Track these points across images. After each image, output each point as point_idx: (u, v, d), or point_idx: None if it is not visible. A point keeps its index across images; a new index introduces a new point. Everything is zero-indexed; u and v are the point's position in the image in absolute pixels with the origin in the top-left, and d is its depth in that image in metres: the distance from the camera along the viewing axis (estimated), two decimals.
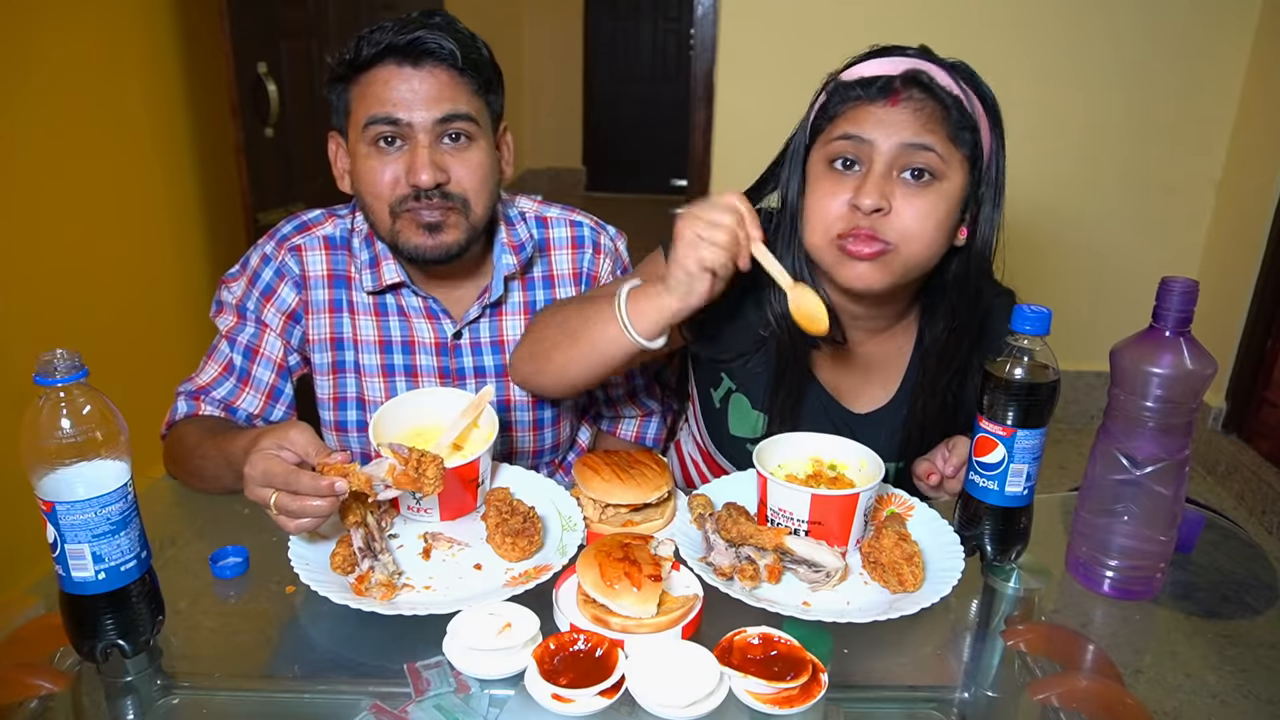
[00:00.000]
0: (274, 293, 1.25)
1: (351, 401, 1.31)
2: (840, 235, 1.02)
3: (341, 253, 1.27)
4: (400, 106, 1.11)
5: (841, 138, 1.02)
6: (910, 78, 1.01)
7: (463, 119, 1.13)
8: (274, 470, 0.88)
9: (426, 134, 1.12)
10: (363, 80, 1.13)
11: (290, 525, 0.90)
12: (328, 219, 1.28)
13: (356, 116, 1.14)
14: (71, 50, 2.16)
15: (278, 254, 1.25)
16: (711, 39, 2.86)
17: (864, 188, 0.99)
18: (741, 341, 1.17)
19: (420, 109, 1.11)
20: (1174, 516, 0.97)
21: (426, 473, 0.91)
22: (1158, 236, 3.08)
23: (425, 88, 1.11)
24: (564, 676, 0.78)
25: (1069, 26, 2.83)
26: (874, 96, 1.01)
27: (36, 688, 0.84)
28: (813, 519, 0.95)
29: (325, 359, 1.28)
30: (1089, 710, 0.86)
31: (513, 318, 1.31)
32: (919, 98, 1.00)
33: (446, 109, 1.12)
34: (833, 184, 1.03)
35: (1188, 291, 0.90)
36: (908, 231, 1.00)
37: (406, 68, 1.11)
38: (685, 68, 6.09)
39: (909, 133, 0.99)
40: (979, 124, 1.03)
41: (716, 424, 1.26)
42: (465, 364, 1.31)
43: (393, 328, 1.28)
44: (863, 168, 1.02)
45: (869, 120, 1.01)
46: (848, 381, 1.21)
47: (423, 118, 1.11)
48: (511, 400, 1.34)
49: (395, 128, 1.11)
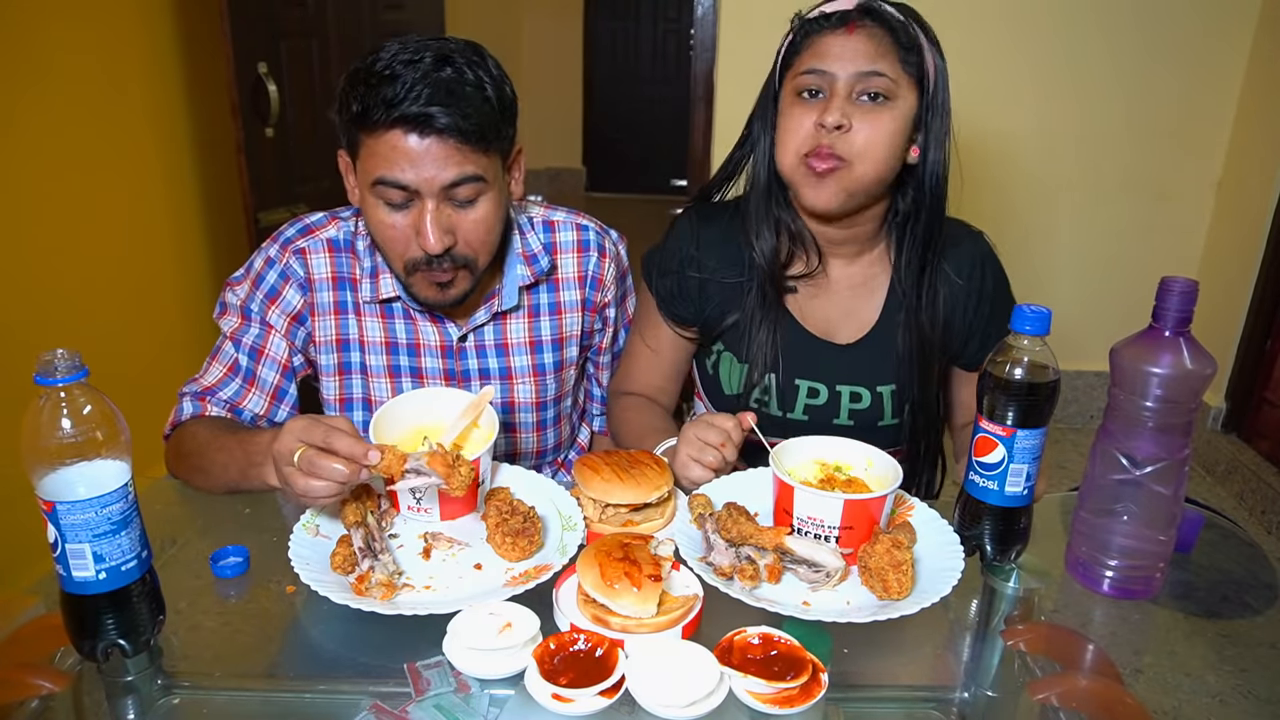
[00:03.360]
0: (279, 295, 1.26)
1: (358, 402, 1.31)
2: (807, 154, 1.15)
3: (345, 255, 1.27)
4: (409, 172, 1.08)
5: (807, 72, 1.16)
6: (863, 9, 1.16)
7: (470, 181, 1.11)
8: (315, 428, 0.90)
9: (434, 198, 1.10)
10: (371, 138, 1.09)
11: (299, 482, 0.90)
12: (331, 222, 1.28)
13: (365, 167, 1.11)
14: (72, 51, 2.16)
15: (282, 257, 1.26)
16: (711, 39, 2.86)
17: (828, 108, 1.14)
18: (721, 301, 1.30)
19: (428, 174, 1.08)
20: (1173, 516, 0.97)
21: (460, 469, 0.92)
22: (1158, 237, 3.08)
23: (433, 155, 1.08)
24: (564, 676, 0.78)
25: (1069, 31, 2.83)
26: (834, 26, 1.16)
27: (37, 688, 0.84)
28: (844, 524, 0.95)
29: (331, 360, 1.29)
30: (1089, 710, 0.86)
31: (517, 321, 1.32)
32: (871, 25, 1.14)
33: (454, 174, 1.09)
34: (801, 110, 1.17)
35: (1187, 291, 0.90)
36: (863, 146, 1.14)
37: (414, 136, 1.07)
38: (685, 68, 6.09)
39: (864, 60, 1.13)
40: (924, 49, 1.16)
41: (714, 393, 1.35)
42: (470, 366, 1.32)
43: (398, 330, 1.28)
44: (825, 95, 1.15)
45: (829, 52, 1.15)
46: (830, 315, 1.30)
47: (430, 183, 1.09)
48: (515, 402, 1.34)
49: (403, 192, 1.10)
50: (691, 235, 1.30)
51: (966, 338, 1.29)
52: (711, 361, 1.34)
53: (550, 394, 1.37)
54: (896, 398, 1.28)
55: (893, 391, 1.28)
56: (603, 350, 1.44)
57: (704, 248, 1.29)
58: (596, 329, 1.41)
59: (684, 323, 1.32)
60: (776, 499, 1.00)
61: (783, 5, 1.31)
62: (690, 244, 1.30)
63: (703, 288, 1.29)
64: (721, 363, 1.32)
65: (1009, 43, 2.85)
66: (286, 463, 0.92)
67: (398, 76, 1.05)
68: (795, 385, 1.28)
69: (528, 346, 1.33)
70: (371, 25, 2.94)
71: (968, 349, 1.30)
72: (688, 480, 1.11)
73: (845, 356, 1.28)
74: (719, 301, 1.29)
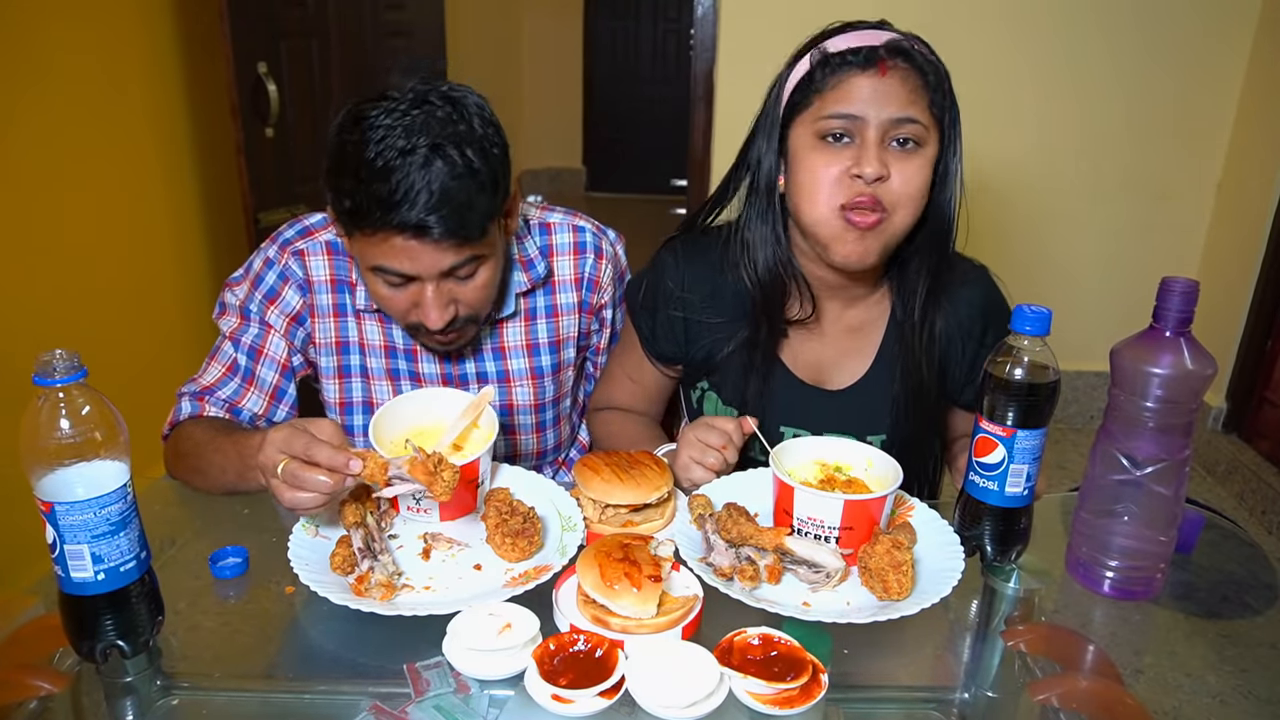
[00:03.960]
0: (278, 295, 1.26)
1: (358, 405, 1.31)
2: (844, 205, 1.07)
3: (343, 258, 1.27)
4: (408, 265, 1.06)
5: (833, 115, 1.07)
6: (894, 47, 1.07)
7: (468, 263, 1.10)
8: (296, 439, 0.89)
9: (434, 282, 1.09)
10: (365, 235, 1.06)
11: (285, 495, 0.90)
12: (330, 224, 1.28)
13: (361, 252, 1.09)
14: (72, 51, 2.16)
15: (281, 258, 1.26)
16: (711, 39, 2.86)
17: (864, 156, 1.05)
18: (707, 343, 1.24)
19: (427, 265, 1.07)
20: (1174, 516, 0.97)
21: (443, 474, 0.91)
22: (1158, 237, 3.08)
23: (432, 252, 1.06)
24: (564, 677, 0.78)
25: (1069, 31, 2.83)
26: (863, 65, 1.06)
27: (36, 688, 0.84)
28: (844, 524, 0.95)
29: (331, 363, 1.29)
30: (1089, 711, 0.86)
31: (514, 325, 1.32)
32: (904, 67, 1.06)
33: (453, 261, 1.07)
34: (828, 158, 1.08)
35: (1188, 292, 0.90)
36: (901, 195, 1.07)
37: (413, 241, 1.04)
38: (685, 68, 6.08)
39: (895, 106, 1.05)
40: (948, 89, 1.09)
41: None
42: (468, 370, 1.32)
43: (396, 334, 1.28)
44: (854, 139, 1.07)
45: (859, 95, 1.06)
46: (823, 359, 1.24)
47: (430, 270, 1.08)
48: (513, 405, 1.35)
49: (403, 278, 1.08)
50: (676, 271, 1.24)
51: (966, 378, 1.24)
52: (696, 396, 1.29)
53: (548, 396, 1.37)
54: (886, 446, 1.20)
55: (882, 442, 1.21)
56: (600, 350, 1.44)
57: (689, 286, 1.23)
58: (594, 330, 1.41)
59: (667, 361, 1.29)
60: (776, 499, 1.00)
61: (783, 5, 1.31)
62: (675, 281, 1.24)
63: (687, 328, 1.24)
64: (706, 400, 1.27)
65: (1009, 43, 2.85)
66: (271, 475, 0.91)
67: (391, 171, 1.00)
68: (781, 433, 1.22)
69: (525, 350, 1.33)
70: (372, 25, 2.94)
71: (967, 389, 1.25)
72: (689, 482, 1.11)
73: (835, 404, 1.23)
74: (704, 343, 1.24)
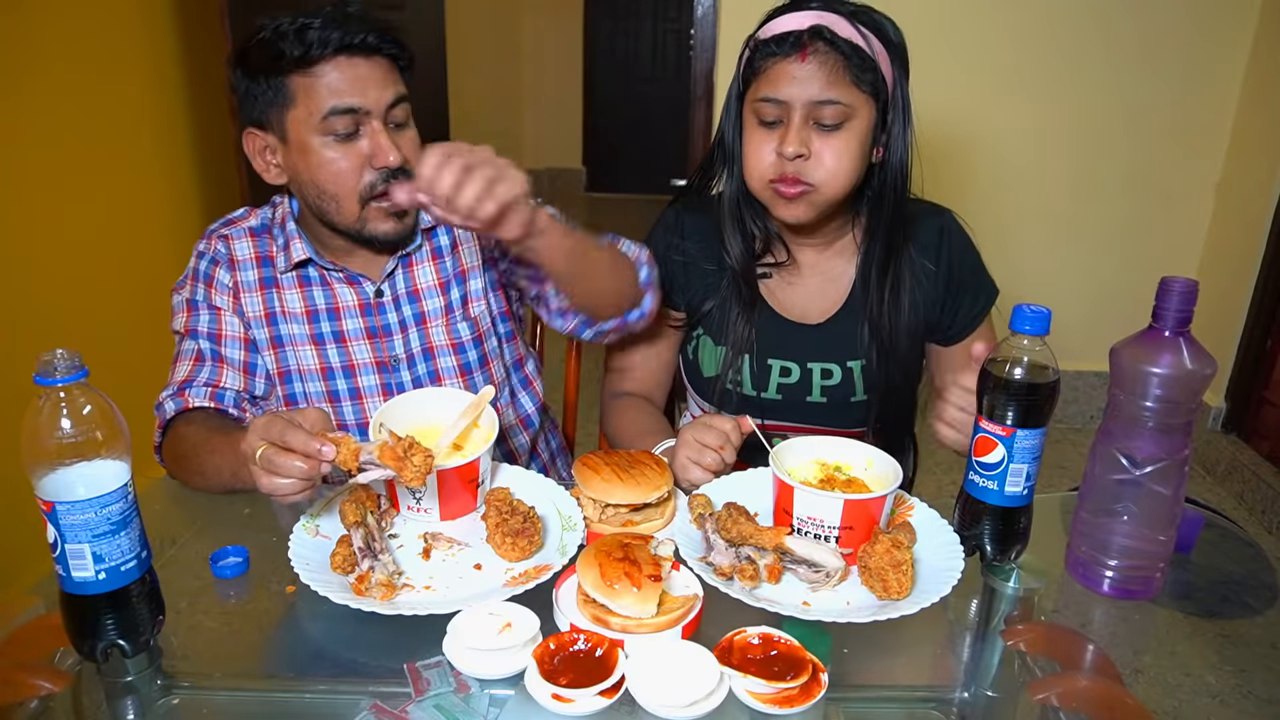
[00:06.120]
0: (213, 278, 1.30)
1: (293, 374, 1.31)
2: (772, 180, 1.20)
3: (264, 238, 1.33)
4: (358, 96, 1.16)
5: (763, 100, 1.19)
6: (815, 32, 1.15)
7: (404, 101, 1.21)
8: (274, 425, 0.90)
9: (380, 119, 1.18)
10: (312, 73, 1.16)
11: (263, 480, 0.91)
12: (251, 213, 1.35)
13: (308, 108, 1.17)
14: (72, 51, 2.16)
15: (209, 246, 1.32)
16: (711, 39, 2.87)
17: (786, 138, 1.17)
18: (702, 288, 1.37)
19: (374, 96, 1.17)
20: (1174, 516, 0.97)
21: (413, 459, 0.90)
22: (1158, 237, 3.08)
23: (374, 76, 1.17)
24: (564, 676, 0.78)
25: (1068, 31, 2.83)
26: (786, 53, 1.16)
27: (36, 688, 0.84)
28: (844, 524, 0.95)
29: (263, 335, 1.31)
30: (1089, 710, 0.86)
31: (423, 266, 1.33)
32: (824, 50, 1.15)
33: (391, 94, 1.19)
34: (761, 138, 1.21)
35: (1187, 291, 0.90)
36: (827, 171, 1.18)
37: (358, 59, 1.16)
38: (685, 68, 6.08)
39: (816, 89, 1.15)
40: (878, 64, 1.16)
41: (694, 376, 1.41)
42: (390, 320, 1.32)
43: (316, 297, 1.31)
44: (783, 122, 1.18)
45: (783, 80, 1.17)
46: (802, 298, 1.36)
47: (377, 104, 1.17)
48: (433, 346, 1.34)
49: (355, 116, 1.17)
50: (676, 224, 1.38)
51: (939, 314, 1.33)
52: (692, 347, 1.41)
53: (465, 335, 1.35)
54: (867, 372, 1.33)
55: (863, 366, 1.33)
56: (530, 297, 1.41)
57: (688, 235, 1.37)
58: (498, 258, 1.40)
59: (673, 307, 1.39)
60: (776, 499, 1.00)
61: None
62: (675, 232, 1.38)
63: (686, 271, 1.37)
64: (701, 346, 1.38)
65: (1008, 44, 2.84)
66: (252, 461, 0.92)
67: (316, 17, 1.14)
68: (768, 365, 1.34)
69: (438, 288, 1.34)
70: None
71: (940, 324, 1.34)
72: (687, 482, 1.11)
73: (816, 335, 1.34)
74: (699, 288, 1.36)
